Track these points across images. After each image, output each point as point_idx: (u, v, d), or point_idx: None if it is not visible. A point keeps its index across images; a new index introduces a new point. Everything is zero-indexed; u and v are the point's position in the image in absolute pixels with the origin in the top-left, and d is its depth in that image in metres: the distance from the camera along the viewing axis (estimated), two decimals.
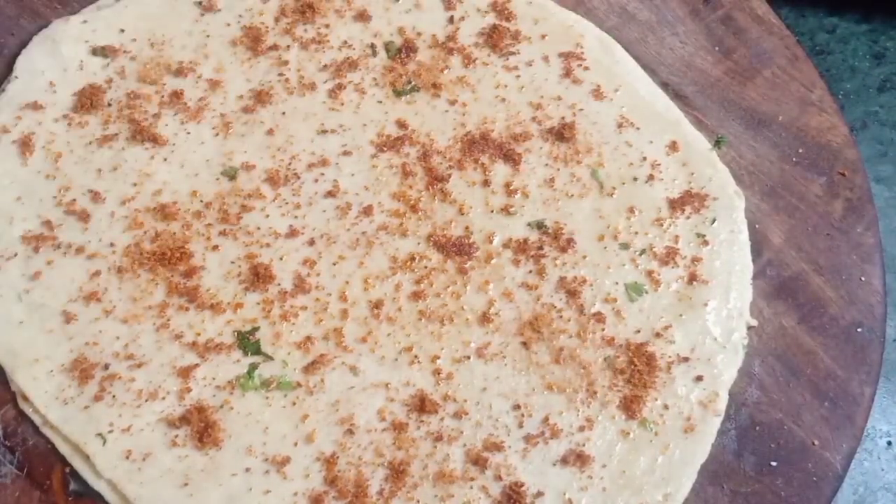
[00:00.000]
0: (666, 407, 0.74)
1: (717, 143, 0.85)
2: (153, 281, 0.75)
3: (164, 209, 0.78)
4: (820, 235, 0.83)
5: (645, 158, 0.83)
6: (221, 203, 0.79)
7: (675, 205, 0.82)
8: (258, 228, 0.78)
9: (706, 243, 0.80)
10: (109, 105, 0.82)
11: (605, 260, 0.79)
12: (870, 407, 0.76)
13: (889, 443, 0.94)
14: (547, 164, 0.82)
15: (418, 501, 0.69)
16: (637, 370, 0.74)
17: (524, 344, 0.75)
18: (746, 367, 0.76)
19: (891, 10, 1.17)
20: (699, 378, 0.75)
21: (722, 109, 0.88)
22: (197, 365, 0.72)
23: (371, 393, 0.73)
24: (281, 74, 0.84)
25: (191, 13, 0.87)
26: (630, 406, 0.73)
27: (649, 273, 0.79)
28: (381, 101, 0.84)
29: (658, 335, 0.76)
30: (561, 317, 0.76)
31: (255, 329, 0.74)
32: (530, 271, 0.78)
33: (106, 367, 0.72)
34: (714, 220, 0.81)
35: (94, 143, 0.80)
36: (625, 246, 0.80)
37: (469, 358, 0.74)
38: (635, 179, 0.82)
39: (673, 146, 0.84)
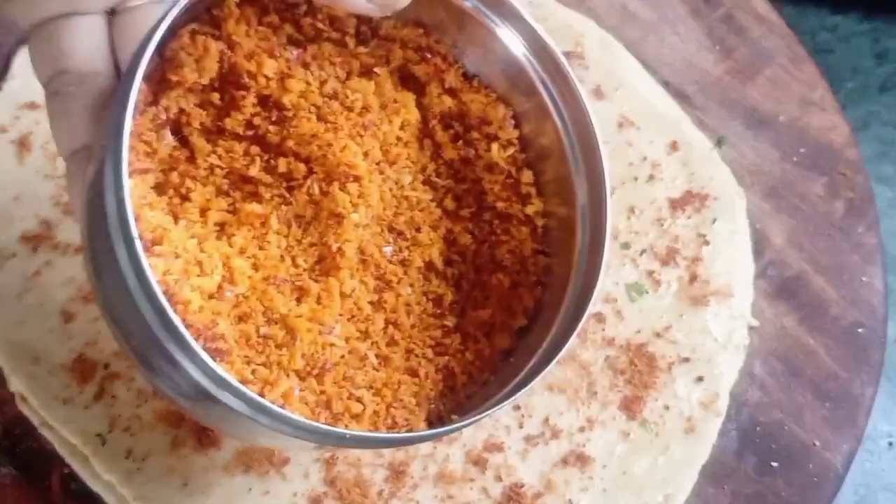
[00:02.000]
0: (666, 407, 0.73)
1: (718, 143, 0.85)
2: None
3: None
4: (821, 235, 0.82)
5: (645, 158, 0.83)
6: None
7: (676, 205, 0.81)
8: None
9: (707, 243, 0.80)
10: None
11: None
12: (871, 407, 0.76)
13: (890, 443, 0.93)
14: None
15: (418, 502, 0.69)
16: (637, 370, 0.74)
17: None
18: (747, 368, 0.76)
19: (893, 10, 1.17)
20: (700, 378, 0.75)
21: (723, 109, 0.87)
22: None
23: None
24: None
25: None
26: (630, 406, 0.73)
27: (650, 273, 0.79)
28: None
29: (658, 335, 0.76)
30: None
31: None
32: None
33: (106, 366, 0.71)
34: (715, 220, 0.81)
35: None
36: (625, 246, 0.79)
37: None
38: (636, 179, 0.82)
39: (673, 146, 0.84)
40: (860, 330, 0.79)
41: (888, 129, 1.10)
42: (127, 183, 0.43)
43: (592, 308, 0.52)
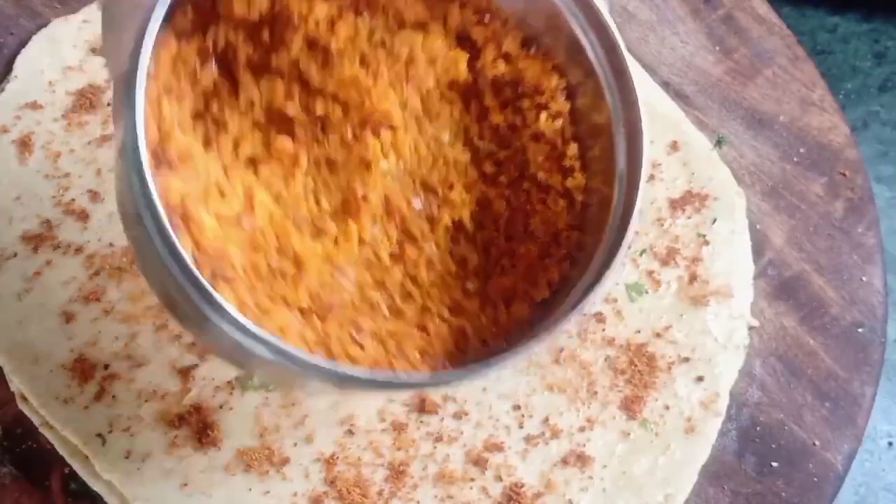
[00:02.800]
0: (666, 407, 0.73)
1: (718, 143, 0.85)
2: None
3: None
4: (821, 235, 0.82)
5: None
6: None
7: (676, 205, 0.81)
8: None
9: (707, 243, 0.80)
10: (109, 105, 0.82)
11: None
12: (871, 407, 0.76)
13: (890, 443, 0.94)
14: None
15: (418, 502, 0.69)
16: (637, 370, 0.74)
17: None
18: (747, 368, 0.76)
19: (892, 10, 1.17)
20: (700, 378, 0.75)
21: (723, 109, 0.87)
22: (196, 365, 0.72)
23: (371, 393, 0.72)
24: None
25: None
26: (630, 406, 0.73)
27: (650, 273, 0.79)
28: None
29: (658, 335, 0.76)
30: None
31: None
32: None
33: (106, 366, 0.72)
34: (715, 220, 0.81)
35: (94, 142, 0.80)
36: None
37: None
38: None
39: (673, 146, 0.84)
40: (860, 330, 0.79)
41: (887, 129, 1.11)
42: (141, 95, 0.44)
43: (593, 307, 0.52)
